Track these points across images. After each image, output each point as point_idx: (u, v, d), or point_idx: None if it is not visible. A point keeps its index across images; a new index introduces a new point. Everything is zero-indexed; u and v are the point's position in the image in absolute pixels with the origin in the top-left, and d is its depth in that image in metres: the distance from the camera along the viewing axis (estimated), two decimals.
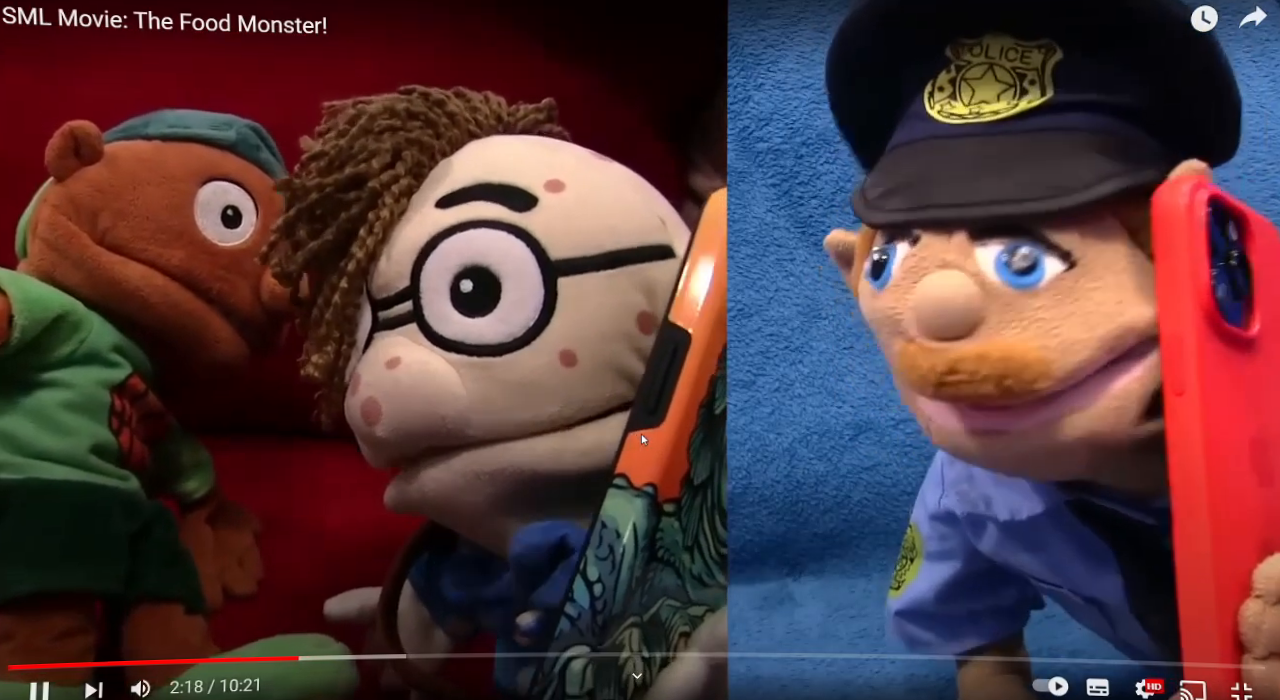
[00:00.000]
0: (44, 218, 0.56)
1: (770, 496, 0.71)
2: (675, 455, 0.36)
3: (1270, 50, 0.76)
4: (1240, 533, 0.33)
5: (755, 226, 0.74)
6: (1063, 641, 0.56)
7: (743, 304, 0.74)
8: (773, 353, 0.73)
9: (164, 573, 0.52)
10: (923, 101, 0.37)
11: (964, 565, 0.47)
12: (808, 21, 0.76)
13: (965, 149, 0.36)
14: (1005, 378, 0.33)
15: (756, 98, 0.75)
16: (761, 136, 0.75)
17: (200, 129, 0.60)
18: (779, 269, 0.74)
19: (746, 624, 0.65)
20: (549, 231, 0.40)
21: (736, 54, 0.75)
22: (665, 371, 0.36)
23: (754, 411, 0.72)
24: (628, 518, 0.35)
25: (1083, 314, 0.34)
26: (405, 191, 0.43)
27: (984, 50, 0.36)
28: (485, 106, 0.47)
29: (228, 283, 0.56)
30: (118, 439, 0.53)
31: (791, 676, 0.58)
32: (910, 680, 0.56)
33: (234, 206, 0.58)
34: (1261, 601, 0.32)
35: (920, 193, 0.36)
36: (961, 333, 0.34)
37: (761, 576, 0.70)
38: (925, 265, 0.35)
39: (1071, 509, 0.40)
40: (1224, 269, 0.34)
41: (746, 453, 0.72)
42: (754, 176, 0.75)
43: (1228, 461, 0.33)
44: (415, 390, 0.40)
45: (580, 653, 0.35)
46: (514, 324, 0.40)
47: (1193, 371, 0.33)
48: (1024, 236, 0.34)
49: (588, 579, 0.35)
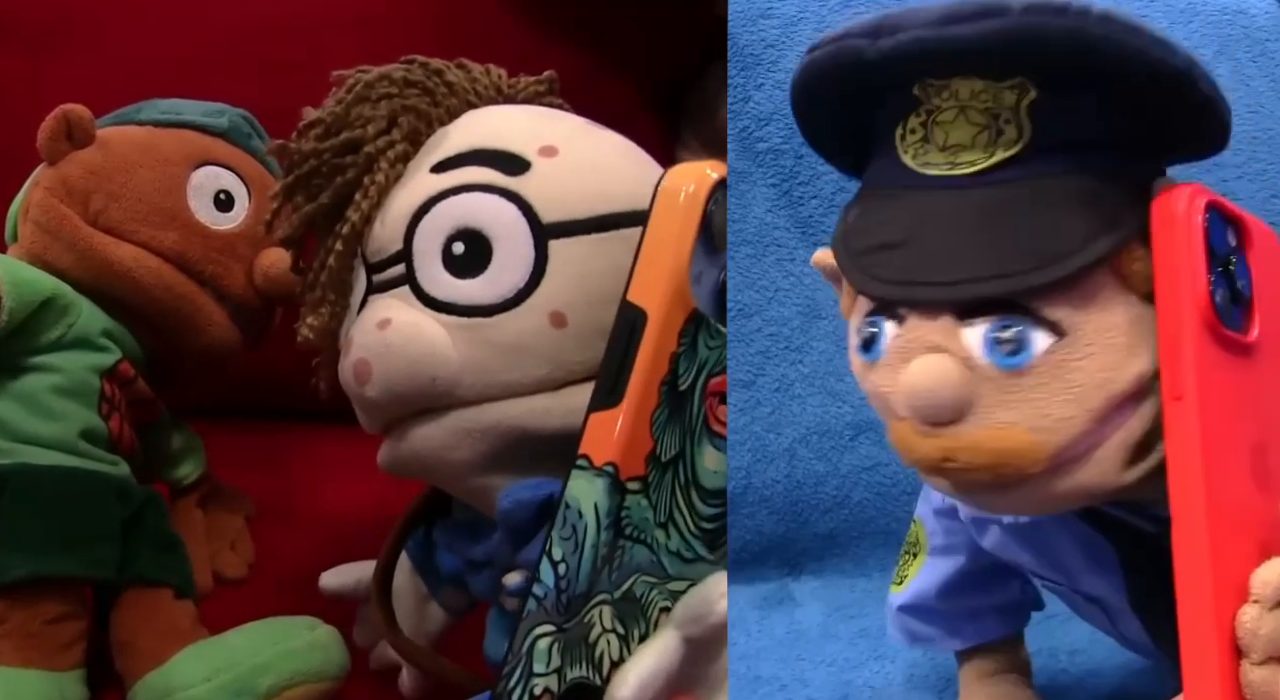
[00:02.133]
0: (36, 200, 0.55)
1: (770, 496, 0.71)
2: (636, 433, 0.36)
3: (1270, 50, 0.76)
4: (1238, 537, 0.33)
5: (755, 226, 0.74)
6: (1062, 642, 0.57)
7: (743, 304, 0.74)
8: (773, 353, 0.73)
9: (156, 558, 0.52)
10: (895, 145, 0.36)
11: (968, 561, 0.48)
12: (807, 21, 0.76)
13: (944, 207, 0.34)
14: (1000, 467, 0.33)
15: (756, 98, 0.75)
16: (761, 136, 0.75)
17: (192, 116, 0.60)
18: (779, 269, 0.74)
19: (746, 624, 0.65)
20: (541, 195, 0.40)
21: (736, 54, 0.75)
22: (623, 351, 0.36)
23: (754, 411, 0.72)
24: (589, 497, 0.35)
25: (1072, 389, 0.33)
26: (401, 157, 0.43)
27: (954, 94, 0.35)
28: (485, 78, 0.47)
29: (220, 266, 0.56)
30: (107, 424, 0.52)
31: (791, 676, 0.58)
32: (910, 680, 0.56)
33: (227, 191, 0.57)
34: (1259, 606, 0.32)
35: (904, 264, 0.34)
36: (953, 418, 0.33)
37: (761, 576, 0.70)
38: (913, 347, 0.34)
39: (1074, 511, 0.40)
40: (1222, 274, 0.34)
41: (746, 453, 0.72)
42: (754, 176, 0.75)
43: (1226, 466, 0.33)
44: (405, 351, 0.40)
45: (547, 631, 0.35)
46: (504, 286, 0.40)
47: (1191, 377, 0.33)
48: (1012, 311, 0.33)
49: (553, 559, 0.35)
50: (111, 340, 0.54)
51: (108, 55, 0.80)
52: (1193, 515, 0.32)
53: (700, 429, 0.38)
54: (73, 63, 0.80)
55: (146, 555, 0.51)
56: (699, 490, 0.38)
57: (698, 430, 0.38)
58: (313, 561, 0.55)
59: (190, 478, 0.62)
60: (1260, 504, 0.34)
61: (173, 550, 0.53)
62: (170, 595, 0.51)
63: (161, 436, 0.60)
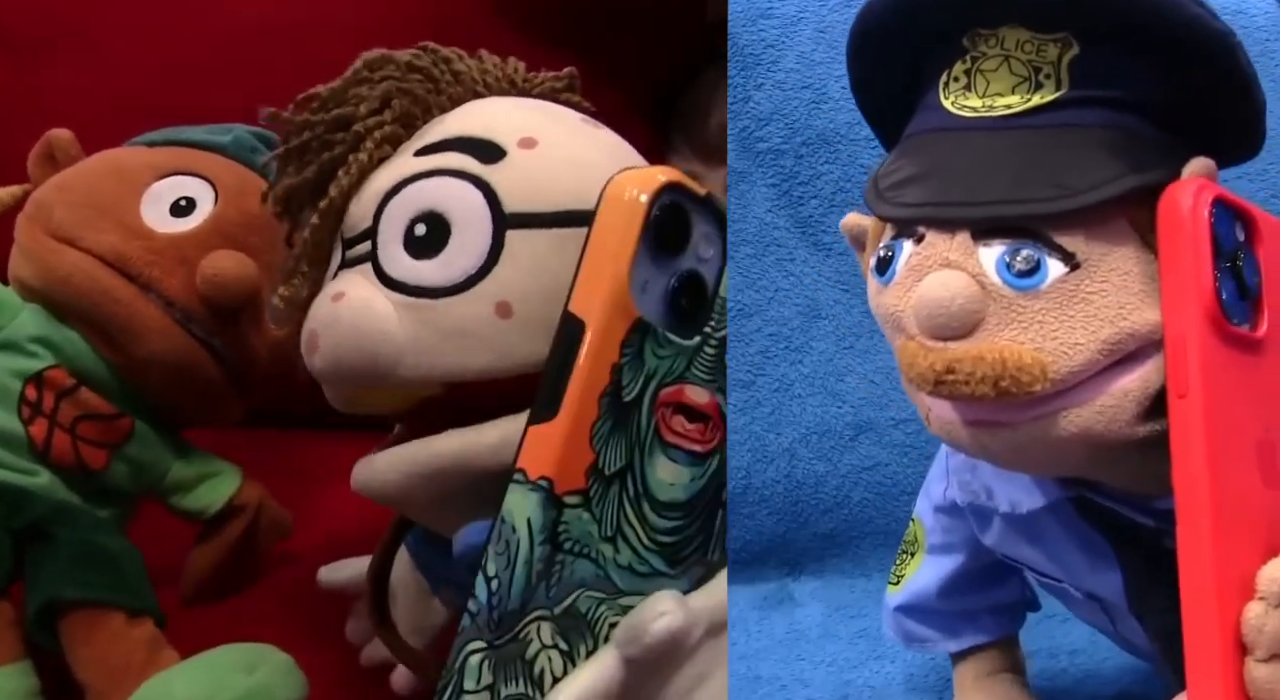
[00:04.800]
0: (18, 220, 0.56)
1: (770, 496, 0.71)
2: (573, 446, 0.35)
3: (1270, 50, 0.76)
4: (1244, 534, 0.33)
5: (755, 226, 0.74)
6: (1062, 642, 0.57)
7: (743, 304, 0.74)
8: (773, 353, 0.73)
9: (75, 574, 0.48)
10: (938, 91, 0.37)
11: (966, 559, 0.47)
12: (808, 21, 0.76)
13: (975, 143, 0.36)
14: (1001, 379, 0.33)
15: (756, 98, 0.75)
16: (761, 136, 0.75)
17: (194, 135, 0.60)
18: (779, 269, 0.74)
19: (746, 624, 0.65)
20: (509, 184, 0.40)
21: (736, 54, 0.75)
22: (561, 363, 0.35)
23: (754, 411, 0.72)
24: (523, 512, 0.35)
25: (1083, 317, 0.33)
26: (390, 138, 0.43)
27: (1000, 42, 0.36)
28: (499, 70, 0.47)
29: (161, 267, 0.54)
30: (27, 428, 0.51)
31: (791, 676, 0.58)
32: (910, 680, 0.56)
33: (189, 198, 0.56)
34: (1264, 603, 0.32)
35: (928, 189, 0.35)
36: (961, 333, 0.34)
37: (761, 576, 0.70)
38: (928, 264, 0.35)
39: (1073, 505, 0.40)
40: (1230, 270, 0.34)
41: (746, 453, 0.72)
42: (754, 176, 0.75)
43: (1231, 463, 0.33)
44: (352, 324, 0.40)
45: (478, 647, 0.34)
46: (455, 269, 0.40)
47: (1195, 374, 0.33)
48: (1028, 237, 0.34)
49: (486, 575, 0.35)
50: (45, 347, 0.53)
51: (102, 63, 0.81)
52: (1197, 512, 0.32)
53: (651, 441, 0.37)
54: (67, 71, 0.81)
55: (63, 571, 0.48)
56: (651, 502, 0.37)
57: (647, 442, 0.37)
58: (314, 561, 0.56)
59: (210, 511, 0.59)
60: (1267, 500, 0.34)
61: (102, 564, 0.49)
62: (120, 621, 0.47)
63: (148, 459, 0.57)
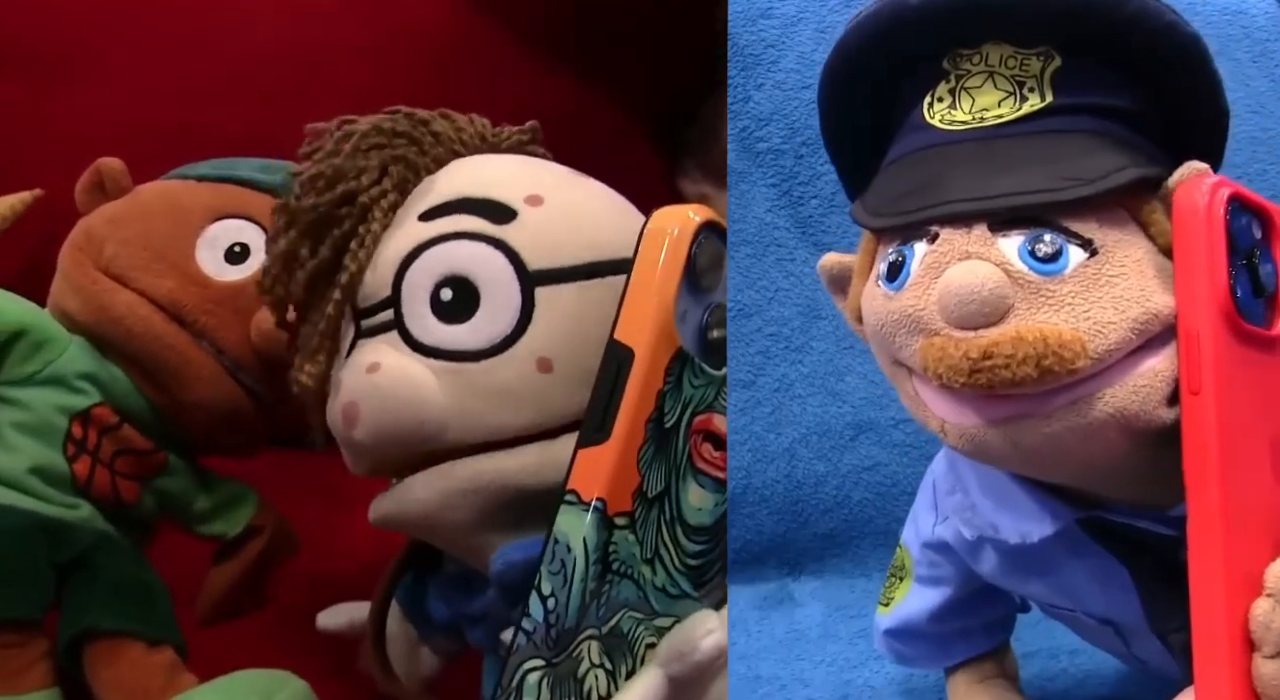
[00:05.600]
0: (63, 249, 0.55)
1: (770, 496, 0.71)
2: (623, 470, 0.37)
3: (1270, 50, 0.76)
4: (1254, 532, 0.33)
5: (755, 226, 0.74)
6: (1062, 642, 0.56)
7: (743, 304, 0.74)
8: (773, 353, 0.73)
9: (112, 606, 0.50)
10: (922, 113, 0.38)
11: (955, 591, 0.47)
12: (808, 21, 0.76)
13: (971, 151, 0.36)
14: (1044, 358, 0.33)
15: (756, 98, 0.75)
16: (761, 136, 0.75)
17: (245, 171, 0.59)
18: (779, 269, 0.74)
19: (746, 624, 0.65)
20: (528, 243, 0.41)
21: (736, 54, 0.75)
22: (610, 388, 0.37)
23: (754, 411, 0.72)
24: (578, 532, 0.36)
25: (1110, 298, 0.34)
26: (393, 206, 0.43)
27: (984, 59, 0.36)
28: (470, 127, 0.48)
29: (216, 317, 0.54)
30: (72, 466, 0.51)
31: (791, 676, 0.58)
32: (910, 680, 0.56)
33: (243, 244, 0.55)
34: (1272, 600, 0.32)
35: (933, 192, 0.36)
36: (992, 319, 0.34)
37: (761, 576, 0.70)
38: (947, 259, 0.35)
39: (1083, 527, 0.39)
40: (1245, 267, 0.34)
41: (746, 453, 0.72)
42: (754, 176, 0.75)
43: (1243, 460, 0.33)
44: (393, 394, 0.40)
45: (536, 665, 0.35)
46: (491, 331, 0.40)
47: (1209, 371, 0.33)
48: (1044, 227, 0.34)
49: (541, 594, 0.35)
50: (93, 384, 0.53)
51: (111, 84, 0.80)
52: (1208, 508, 0.32)
53: (685, 466, 0.38)
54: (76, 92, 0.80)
55: (100, 603, 0.49)
56: (684, 526, 0.39)
57: (682, 467, 0.38)
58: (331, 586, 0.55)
59: (230, 534, 0.58)
60: (1279, 497, 0.34)
61: (137, 597, 0.51)
62: (141, 648, 0.49)
63: (172, 490, 0.56)
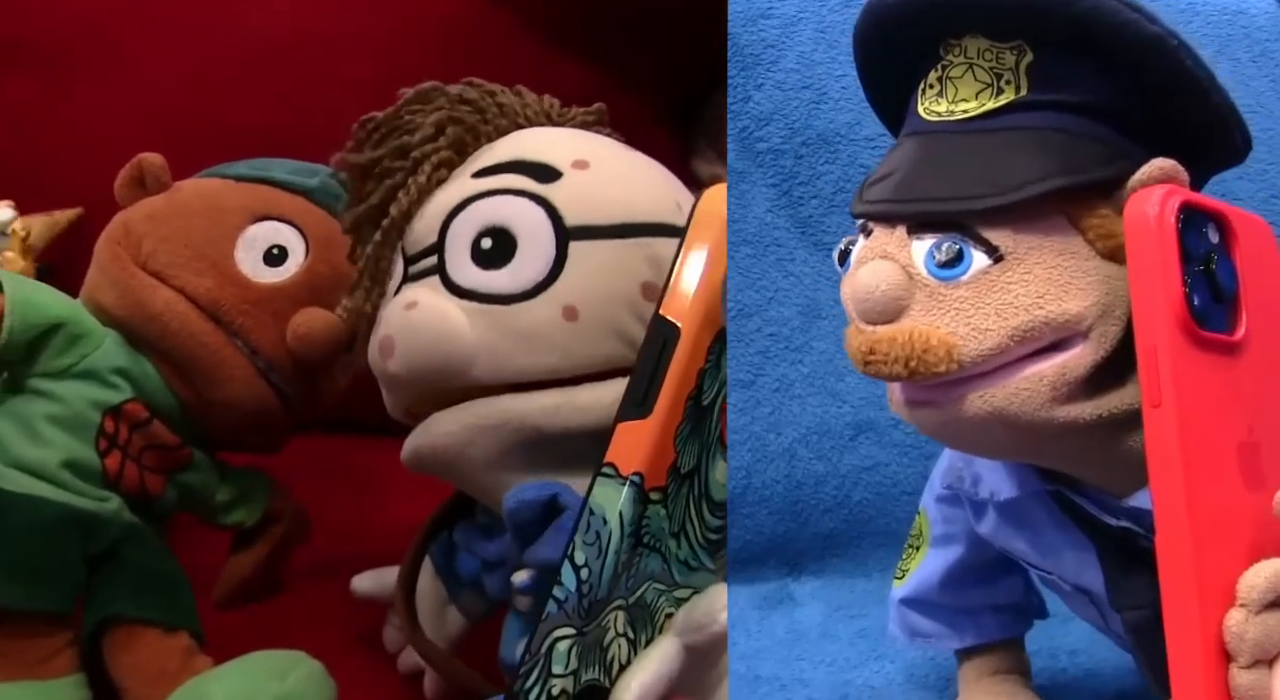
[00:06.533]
0: (100, 242, 0.56)
1: (770, 496, 0.72)
2: (662, 446, 0.38)
3: (1270, 50, 0.76)
4: (1225, 541, 0.33)
5: (755, 226, 0.74)
6: (1062, 642, 0.57)
7: (743, 304, 0.74)
8: (773, 353, 0.73)
9: (135, 595, 0.50)
10: (917, 97, 0.39)
11: (966, 552, 0.48)
12: (807, 21, 0.76)
13: (935, 145, 0.38)
14: (910, 360, 0.35)
15: (756, 98, 0.75)
16: (761, 136, 0.75)
17: (280, 173, 0.60)
18: (779, 269, 0.74)
19: (746, 624, 0.65)
20: (568, 201, 0.44)
21: (736, 54, 0.75)
22: (655, 364, 0.38)
23: (754, 411, 0.72)
24: (614, 505, 0.37)
25: (998, 305, 0.35)
26: (445, 163, 0.47)
27: (964, 51, 0.38)
28: (538, 104, 0.51)
29: (252, 318, 0.55)
30: (103, 460, 0.52)
31: (791, 676, 0.58)
32: (910, 680, 0.56)
33: (281, 246, 0.57)
34: (1245, 610, 0.32)
35: (884, 188, 0.38)
36: (885, 317, 0.36)
37: (761, 576, 0.70)
38: (869, 256, 0.37)
39: (1053, 498, 0.41)
40: (1202, 274, 0.34)
41: (746, 453, 0.72)
42: (754, 176, 0.75)
43: (1210, 470, 0.33)
44: (427, 329, 0.43)
45: (566, 634, 0.36)
46: (524, 278, 0.43)
47: (1168, 383, 0.33)
48: (956, 232, 0.36)
49: (575, 563, 0.36)
50: (126, 379, 0.53)
51: (124, 78, 0.81)
52: (1176, 521, 0.32)
53: (715, 444, 0.40)
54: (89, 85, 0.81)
55: (125, 592, 0.50)
56: (709, 502, 0.40)
57: (713, 445, 0.40)
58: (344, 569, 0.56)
59: (249, 523, 0.60)
60: (1251, 504, 0.34)
61: (160, 587, 0.52)
62: (158, 633, 0.50)
63: (196, 483, 0.58)
